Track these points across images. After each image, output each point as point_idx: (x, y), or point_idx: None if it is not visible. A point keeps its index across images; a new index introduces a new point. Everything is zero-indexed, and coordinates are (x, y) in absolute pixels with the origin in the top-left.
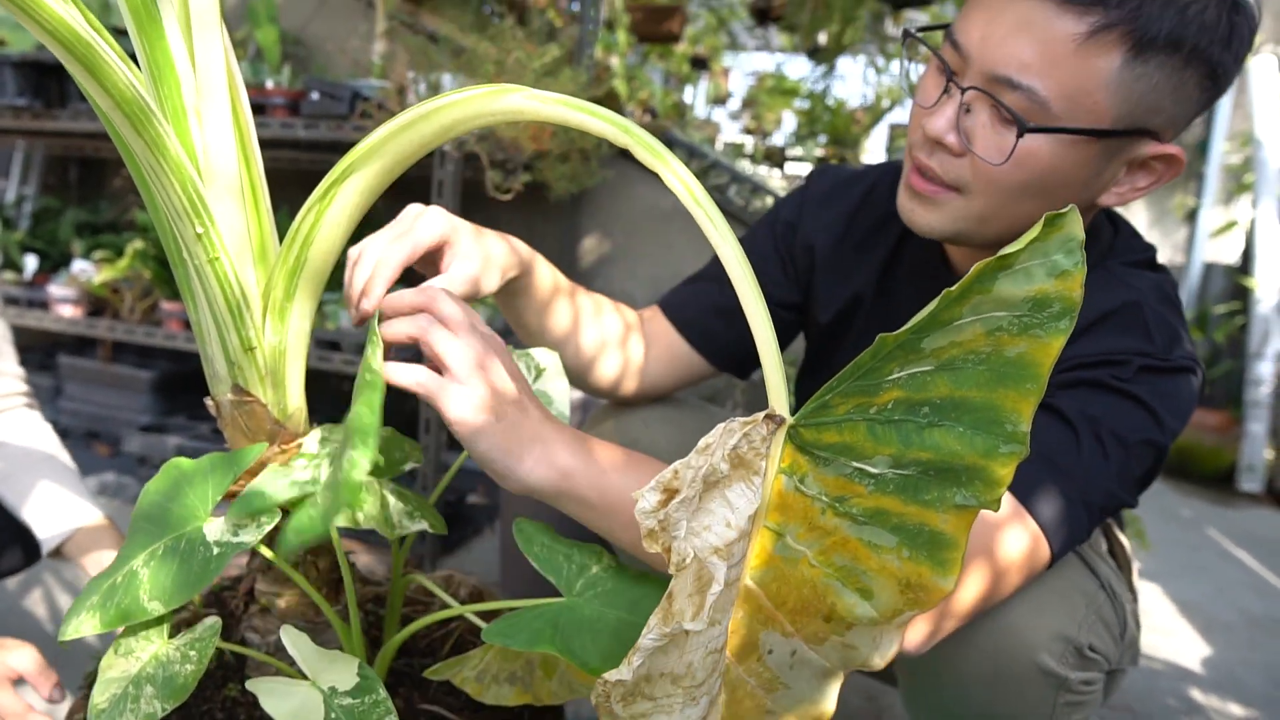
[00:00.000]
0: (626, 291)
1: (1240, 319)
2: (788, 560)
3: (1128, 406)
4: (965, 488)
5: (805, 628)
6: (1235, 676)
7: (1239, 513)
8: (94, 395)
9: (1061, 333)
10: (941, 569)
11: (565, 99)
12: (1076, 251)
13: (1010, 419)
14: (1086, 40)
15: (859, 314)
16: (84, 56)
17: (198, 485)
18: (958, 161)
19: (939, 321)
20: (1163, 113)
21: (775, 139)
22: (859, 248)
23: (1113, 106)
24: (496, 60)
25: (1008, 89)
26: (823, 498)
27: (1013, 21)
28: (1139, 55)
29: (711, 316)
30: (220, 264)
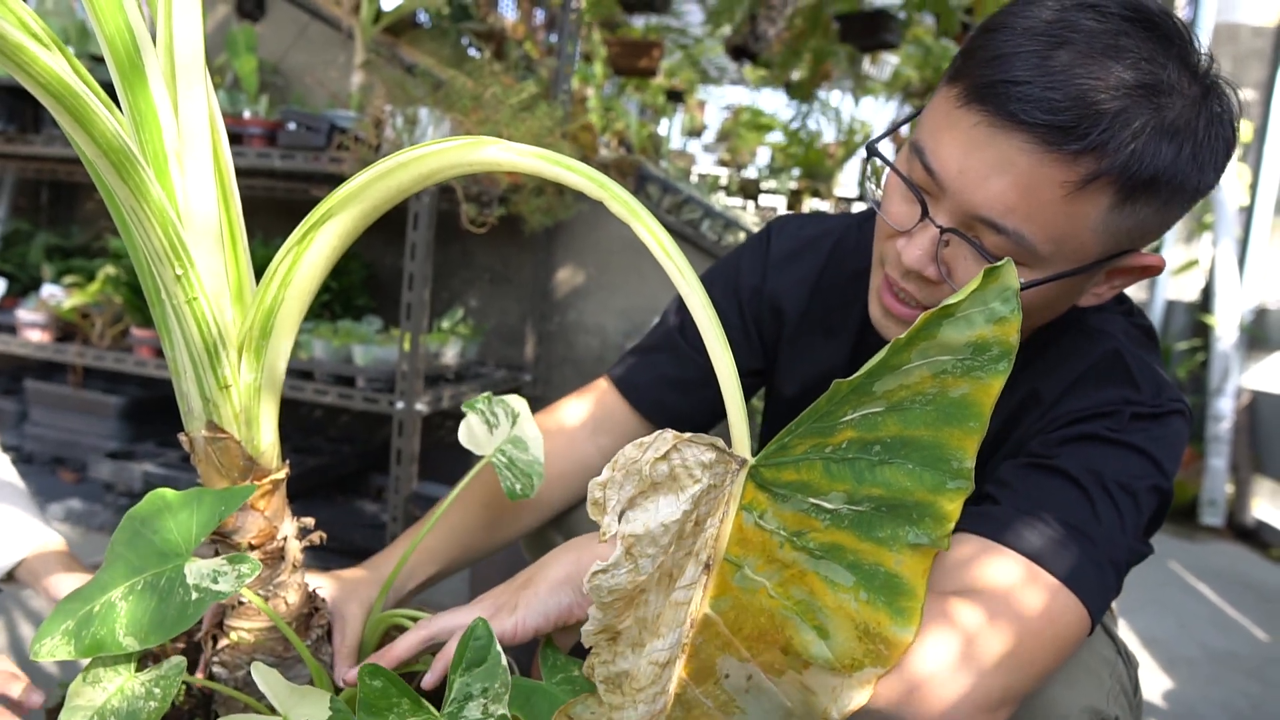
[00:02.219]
0: (600, 324)
1: (1201, 356)
2: (746, 590)
3: (1127, 456)
4: (916, 525)
5: (761, 655)
6: (1195, 712)
7: (1201, 546)
8: (61, 420)
9: (1000, 374)
10: (900, 618)
11: (542, 152)
12: (1012, 300)
13: (956, 456)
14: (1076, 190)
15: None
16: (73, 107)
17: (181, 519)
18: (936, 288)
19: (889, 366)
20: (1148, 236)
21: (750, 171)
22: (826, 320)
23: (1100, 244)
24: (474, 94)
25: (990, 230)
26: (781, 532)
27: (994, 159)
28: (1128, 198)
29: (668, 390)
30: (198, 304)
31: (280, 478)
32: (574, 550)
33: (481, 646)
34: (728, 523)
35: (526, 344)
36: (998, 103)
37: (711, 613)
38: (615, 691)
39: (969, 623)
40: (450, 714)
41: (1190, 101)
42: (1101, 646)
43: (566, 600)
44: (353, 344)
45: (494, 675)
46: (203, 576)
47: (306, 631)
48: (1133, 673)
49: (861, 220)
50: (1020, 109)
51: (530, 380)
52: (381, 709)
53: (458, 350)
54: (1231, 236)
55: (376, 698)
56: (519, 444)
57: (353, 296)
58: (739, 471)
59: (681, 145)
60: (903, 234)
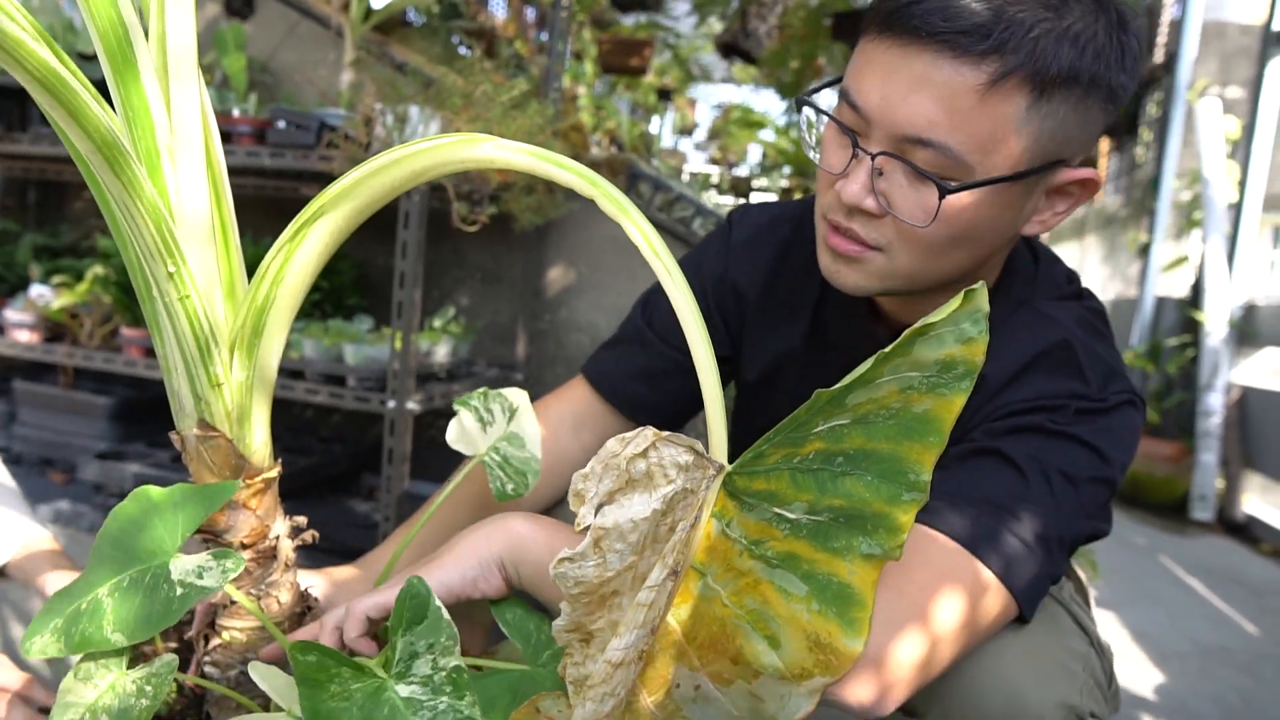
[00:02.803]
0: (592, 322)
1: (1191, 351)
2: (704, 599)
3: (1070, 447)
4: (870, 535)
5: (711, 664)
6: (1187, 706)
7: (1192, 541)
8: (50, 421)
9: (963, 391)
10: (850, 629)
11: (535, 150)
12: (981, 321)
13: (913, 469)
14: (988, 89)
15: (787, 370)
16: (67, 101)
17: (167, 517)
18: (879, 223)
19: (864, 380)
20: (1072, 140)
21: (741, 170)
22: (785, 302)
23: (1026, 148)
24: (464, 92)
25: (919, 148)
26: (742, 540)
27: (910, 78)
28: (1043, 95)
29: (638, 382)
30: (190, 301)
31: (272, 476)
32: (484, 528)
33: (420, 604)
34: (699, 529)
35: (518, 342)
36: (903, 24)
37: (672, 620)
38: (579, 692)
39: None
40: (399, 674)
41: (1086, 9)
42: (1073, 640)
43: (471, 573)
44: (344, 343)
45: (438, 630)
46: (187, 572)
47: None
48: (1106, 664)
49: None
50: (923, 23)
51: (522, 379)
52: (321, 680)
53: (449, 349)
54: (1221, 233)
55: (314, 671)
56: (515, 440)
57: (344, 296)
58: (715, 478)
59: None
60: (841, 176)
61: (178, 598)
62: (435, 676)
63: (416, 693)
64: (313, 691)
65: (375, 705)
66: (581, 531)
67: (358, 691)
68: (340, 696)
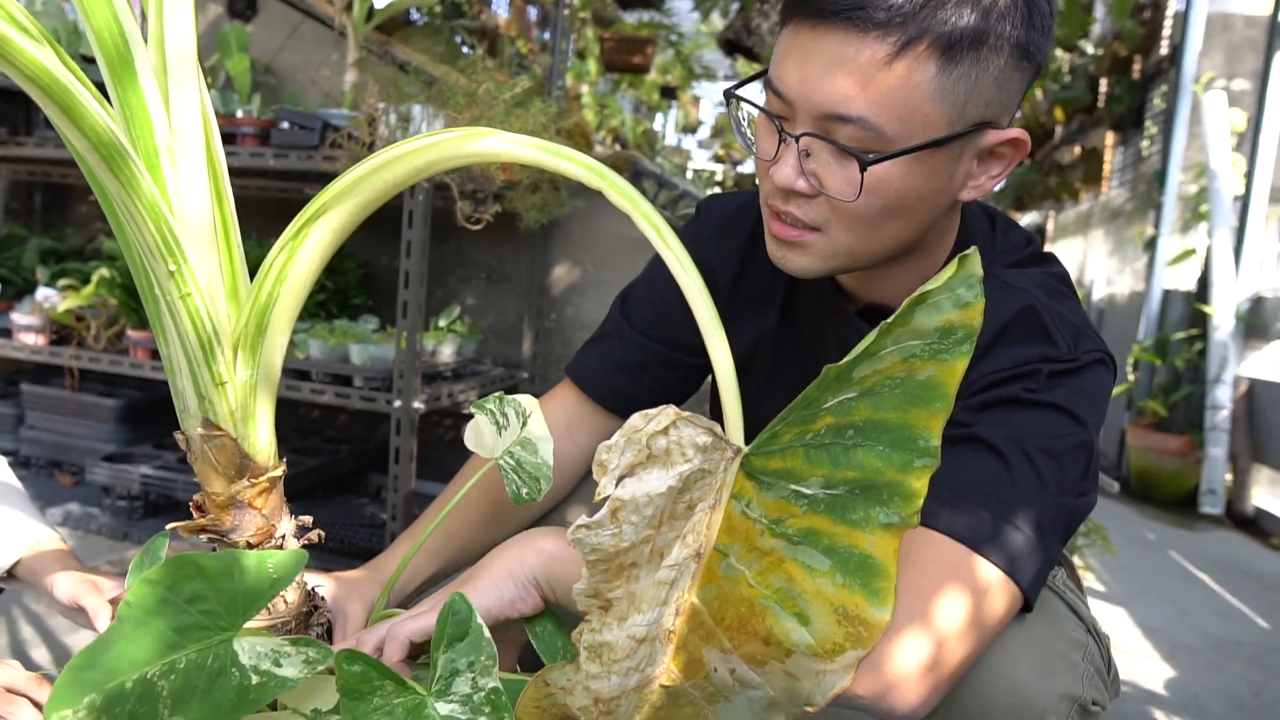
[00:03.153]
0: (597, 320)
1: (1199, 345)
2: (729, 579)
3: (1047, 415)
4: (887, 505)
5: (743, 646)
6: (1198, 700)
7: (1201, 535)
8: (58, 424)
9: (964, 355)
10: (876, 599)
11: (540, 143)
12: (976, 286)
13: (923, 435)
14: (895, 60)
15: (763, 353)
16: (62, 100)
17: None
18: (813, 203)
19: (868, 353)
20: (992, 102)
21: (745, 167)
22: (757, 287)
23: (944, 113)
24: (467, 91)
25: (840, 124)
26: (762, 519)
27: (824, 59)
28: (949, 60)
29: (620, 376)
30: (192, 300)
31: (277, 475)
32: (517, 546)
33: (462, 621)
34: (719, 511)
35: (524, 341)
36: (811, 6)
37: (698, 601)
38: (595, 660)
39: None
40: (439, 691)
41: None
42: (1071, 629)
43: (509, 594)
44: (349, 343)
45: (479, 649)
46: (260, 656)
47: (306, 630)
48: (1104, 650)
49: None
50: (828, 4)
51: (527, 377)
52: (364, 692)
53: (455, 348)
54: (1227, 226)
55: (358, 681)
56: (528, 445)
57: (349, 295)
58: (733, 460)
59: (676, 142)
60: (773, 162)
61: (253, 688)
62: (475, 696)
63: (456, 711)
64: (355, 703)
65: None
66: (600, 503)
67: (399, 706)
68: (382, 710)
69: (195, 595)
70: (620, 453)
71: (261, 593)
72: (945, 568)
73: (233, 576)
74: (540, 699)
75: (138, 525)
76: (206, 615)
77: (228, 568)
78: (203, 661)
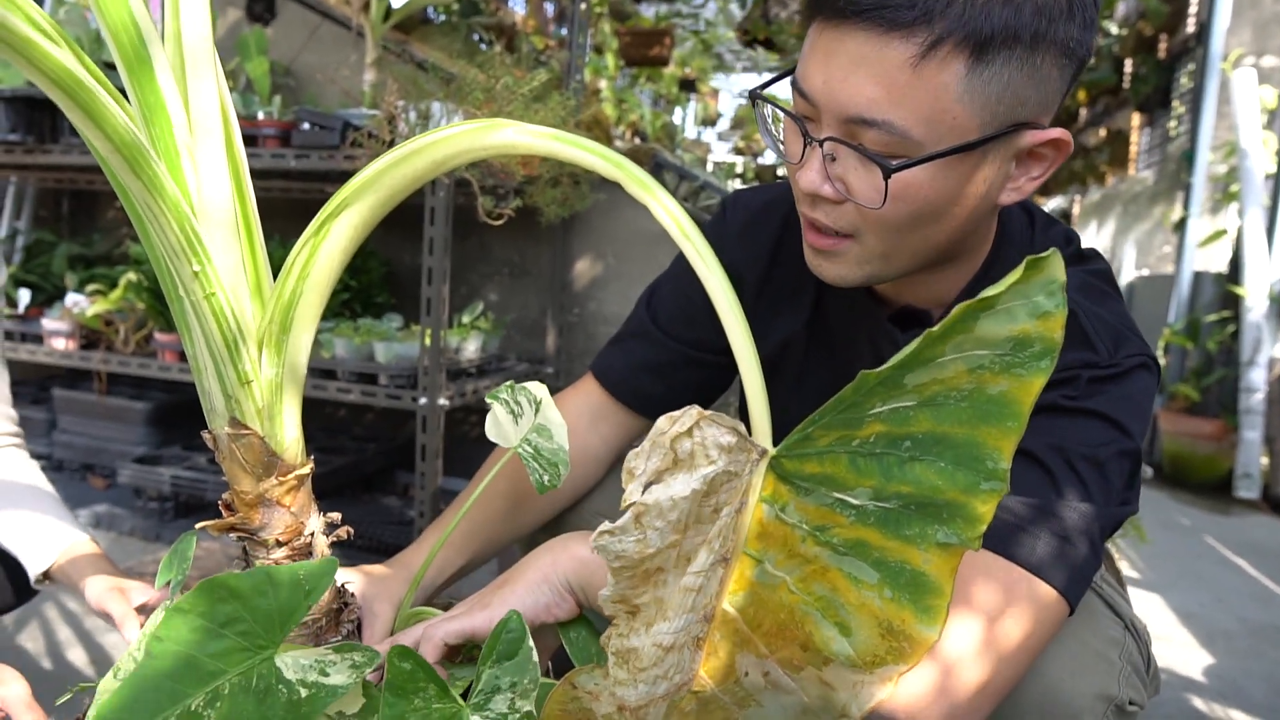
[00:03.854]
0: (620, 313)
1: (1231, 327)
2: (765, 585)
3: (1089, 424)
4: (946, 524)
5: (780, 651)
6: (1238, 686)
7: (1236, 520)
8: (89, 428)
9: (1043, 372)
10: (926, 616)
11: (557, 134)
12: (1058, 294)
13: (991, 456)
14: (921, 60)
15: (791, 356)
16: (83, 101)
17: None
18: (842, 209)
19: (921, 359)
20: (1028, 102)
21: (766, 158)
22: (785, 287)
23: (974, 115)
24: (485, 87)
25: (865, 128)
26: (803, 526)
27: (848, 60)
28: (980, 59)
29: (644, 375)
30: (216, 299)
31: (305, 473)
32: (550, 551)
33: (514, 639)
34: (747, 514)
35: (547, 336)
36: (833, 7)
37: (730, 609)
38: (622, 666)
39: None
40: (476, 705)
41: None
42: (1108, 626)
43: (544, 599)
44: (374, 341)
45: (524, 670)
46: (305, 669)
47: (336, 627)
48: (1143, 646)
49: None
50: (847, 3)
51: (552, 372)
52: (408, 691)
53: (479, 344)
54: (1259, 205)
55: (404, 680)
56: (543, 432)
57: (372, 294)
58: (759, 462)
59: (696, 135)
60: (800, 166)
61: (304, 701)
62: (510, 717)
63: None
64: (398, 700)
65: None
66: (626, 509)
67: (436, 712)
68: (421, 712)
69: (230, 618)
70: (646, 458)
71: (297, 606)
72: (991, 584)
73: (266, 594)
74: (566, 702)
75: (169, 526)
76: (244, 636)
77: (260, 586)
78: (247, 684)
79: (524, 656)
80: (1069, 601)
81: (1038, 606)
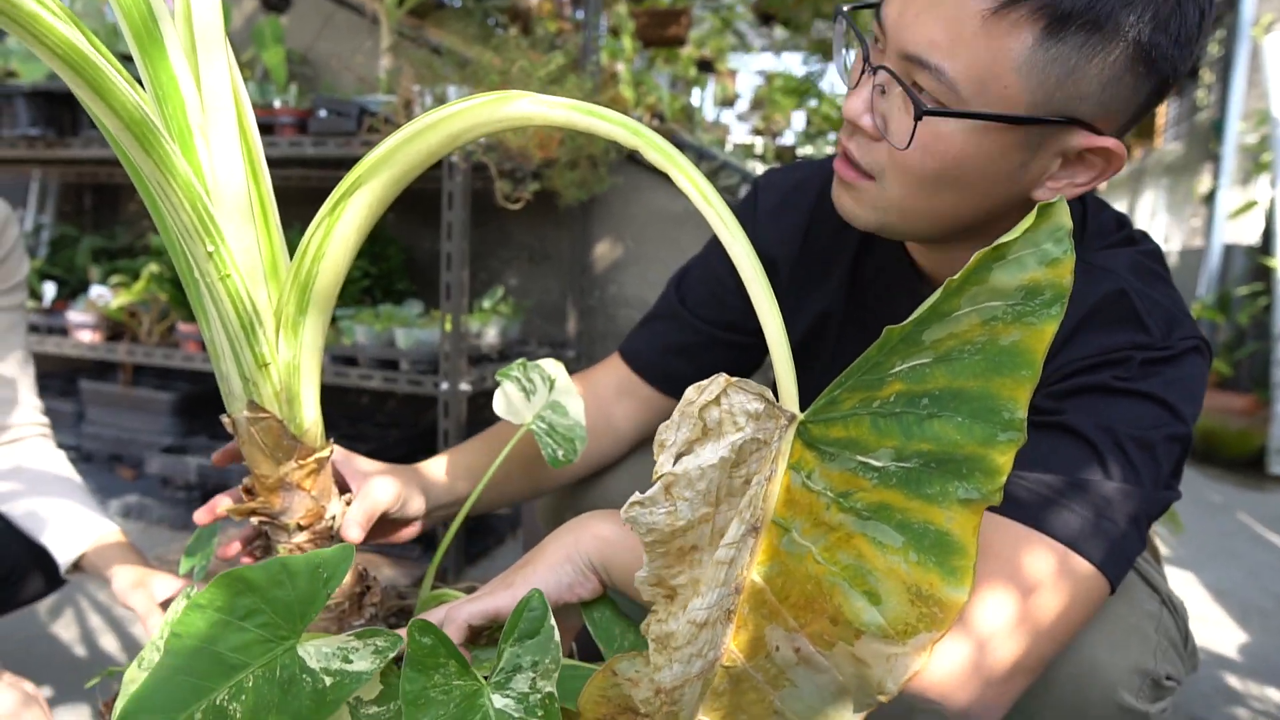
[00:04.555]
0: (640, 296)
1: (1264, 300)
2: (793, 555)
3: (1140, 405)
4: (966, 479)
5: (809, 625)
6: (1273, 663)
7: (1270, 496)
8: (116, 419)
9: (1053, 319)
10: (953, 578)
11: (572, 103)
12: (1065, 240)
13: (1007, 406)
14: (993, 16)
15: (828, 330)
16: (91, 78)
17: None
18: (874, 146)
19: (938, 313)
20: (1089, 99)
21: (785, 138)
22: (819, 261)
23: (1027, 91)
24: (501, 70)
25: (919, 69)
26: (828, 493)
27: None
28: (1052, 34)
29: (672, 357)
30: (231, 281)
31: (325, 456)
32: (573, 531)
33: (536, 618)
34: (775, 482)
35: (568, 320)
36: None
37: (759, 580)
38: (661, 651)
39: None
40: (497, 683)
41: None
42: (1144, 600)
43: (567, 579)
44: (395, 327)
45: (546, 650)
46: (328, 658)
47: (359, 611)
48: (1181, 622)
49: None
50: None
51: (574, 356)
52: (428, 666)
53: (499, 329)
54: None
55: (425, 654)
56: (558, 409)
57: (392, 281)
58: (788, 428)
59: (715, 116)
60: (852, 92)
61: (329, 689)
62: (531, 696)
63: (510, 707)
64: (418, 674)
65: (470, 709)
66: (657, 480)
67: (457, 689)
68: (441, 689)
69: (249, 610)
70: (676, 429)
71: (316, 594)
72: (1027, 558)
73: (283, 584)
74: (606, 688)
75: None
76: (264, 628)
77: (276, 577)
78: (271, 675)
79: (546, 635)
80: (1109, 578)
81: (1075, 581)
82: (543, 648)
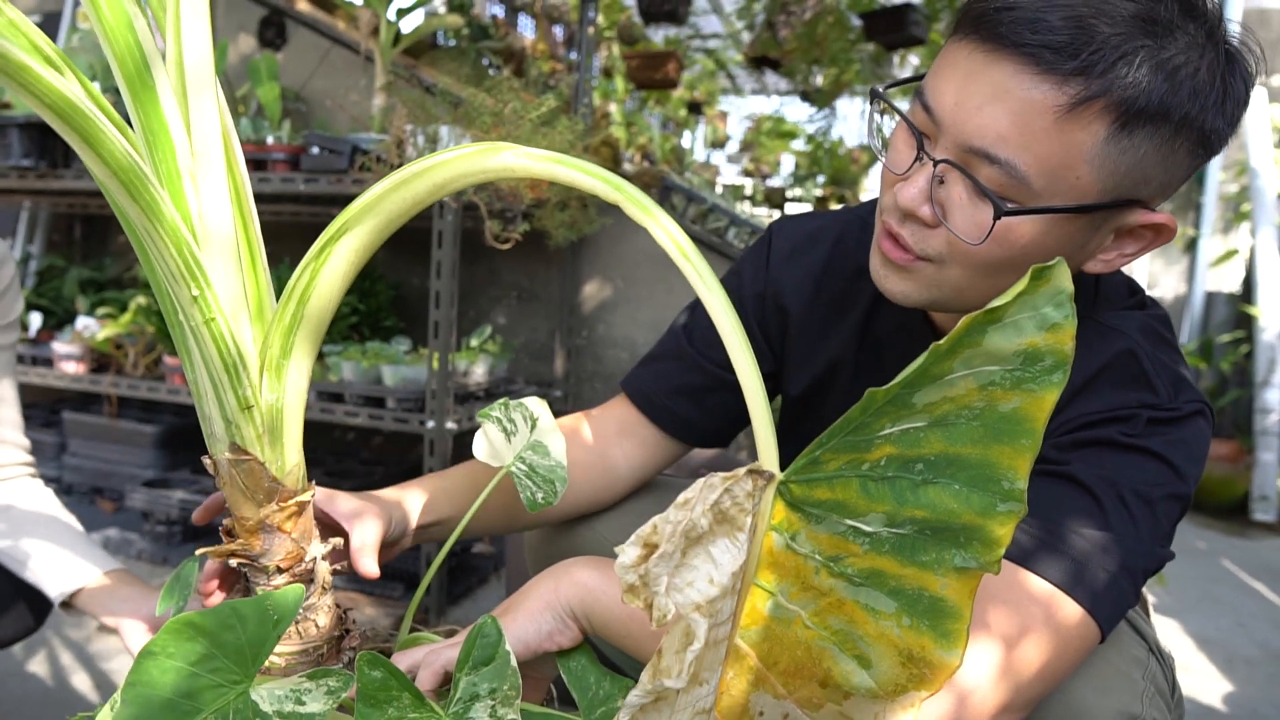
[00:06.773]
0: (629, 336)
1: (1245, 347)
2: (780, 620)
3: (1144, 462)
4: (964, 549)
5: (798, 691)
6: (1258, 714)
7: (1254, 543)
8: (98, 451)
9: (1055, 386)
10: (945, 641)
11: (556, 156)
12: (1066, 304)
13: (1007, 476)
14: (1068, 113)
15: (838, 380)
16: (80, 127)
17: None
18: (931, 233)
19: (930, 376)
20: (1151, 182)
21: (774, 180)
22: (832, 310)
23: (1097, 180)
24: (494, 111)
25: (984, 162)
26: (816, 556)
27: (988, 88)
28: (1125, 128)
29: (678, 399)
30: (216, 324)
31: (306, 499)
32: (554, 577)
33: (490, 644)
34: (756, 544)
35: (556, 359)
36: (989, 28)
37: (743, 644)
38: None
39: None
40: (455, 714)
41: (1192, 41)
42: (1131, 646)
43: (546, 627)
44: (382, 365)
45: (503, 676)
46: (281, 700)
47: (338, 655)
48: (1168, 671)
49: (865, 214)
50: (1010, 31)
51: (561, 395)
52: (380, 701)
53: (487, 368)
54: (1271, 224)
55: (376, 688)
56: (539, 449)
57: (380, 318)
58: (765, 488)
59: (705, 157)
60: (902, 178)
61: None
62: None
63: None
64: (370, 709)
65: None
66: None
67: None
68: None
69: (200, 656)
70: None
71: (266, 637)
72: (1016, 603)
73: (234, 628)
74: None
75: (176, 550)
76: (216, 673)
77: (226, 621)
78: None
79: (501, 661)
80: (1100, 625)
81: (1065, 624)
82: (499, 674)
